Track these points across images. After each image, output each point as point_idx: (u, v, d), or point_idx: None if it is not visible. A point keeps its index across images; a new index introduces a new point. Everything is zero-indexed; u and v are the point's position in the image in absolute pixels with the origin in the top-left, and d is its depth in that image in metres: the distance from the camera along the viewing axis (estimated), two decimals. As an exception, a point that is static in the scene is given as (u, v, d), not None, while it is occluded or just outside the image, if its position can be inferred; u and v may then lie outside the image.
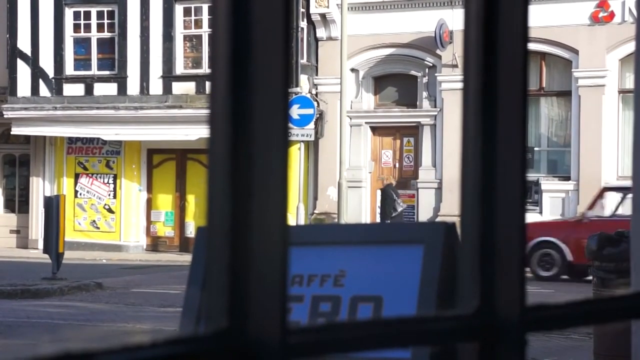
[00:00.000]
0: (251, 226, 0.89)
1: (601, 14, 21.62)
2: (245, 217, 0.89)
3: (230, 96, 0.89)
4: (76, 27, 24.56)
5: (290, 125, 0.92)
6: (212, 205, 0.90)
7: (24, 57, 24.73)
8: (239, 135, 0.89)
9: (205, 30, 23.18)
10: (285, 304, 0.88)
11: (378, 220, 22.12)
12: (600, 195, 18.54)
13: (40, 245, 19.90)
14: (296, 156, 22.21)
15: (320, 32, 24.00)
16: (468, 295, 0.99)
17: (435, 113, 23.01)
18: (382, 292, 2.55)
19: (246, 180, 0.88)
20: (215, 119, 0.90)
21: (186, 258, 19.76)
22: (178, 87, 23.63)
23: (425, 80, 23.26)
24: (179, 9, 23.63)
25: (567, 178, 22.03)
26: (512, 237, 1.02)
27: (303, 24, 23.62)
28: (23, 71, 24.78)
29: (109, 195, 24.88)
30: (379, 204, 23.72)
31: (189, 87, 23.53)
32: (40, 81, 24.71)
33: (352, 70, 23.66)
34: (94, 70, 24.46)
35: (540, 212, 21.65)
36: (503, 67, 1.03)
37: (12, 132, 24.89)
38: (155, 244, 24.74)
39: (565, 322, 1.09)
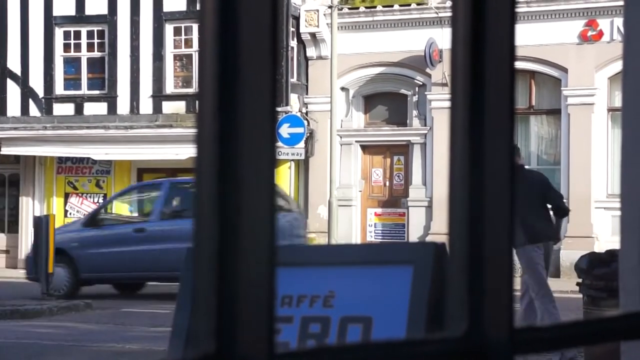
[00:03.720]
0: (238, 247, 0.88)
1: (590, 33, 21.73)
2: (232, 238, 0.88)
3: (217, 116, 0.89)
4: (66, 47, 24.57)
5: (280, 144, 0.91)
6: (199, 227, 0.89)
7: (13, 76, 24.72)
8: (226, 156, 0.88)
9: (195, 50, 23.20)
10: (273, 327, 0.87)
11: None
12: None
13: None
14: (286, 175, 22.22)
15: (310, 51, 24.05)
16: (456, 317, 0.99)
17: (426, 132, 23.05)
18: (372, 313, 2.54)
19: (233, 201, 0.88)
20: (202, 139, 0.89)
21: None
22: (168, 107, 23.64)
23: (415, 98, 23.32)
24: (169, 29, 23.66)
25: (557, 196, 22.05)
26: (500, 257, 1.02)
27: (293, 43, 23.67)
28: (13, 91, 24.76)
29: (99, 214, 24.81)
30: (369, 222, 23.73)
31: (179, 107, 23.54)
32: (30, 101, 24.69)
33: (342, 89, 23.72)
34: (84, 90, 24.45)
35: (531, 231, 21.65)
36: (490, 87, 1.03)
37: (1, 152, 24.84)
38: (146, 263, 24.65)
39: (555, 343, 1.08)
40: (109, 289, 18.27)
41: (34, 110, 24.69)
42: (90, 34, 24.36)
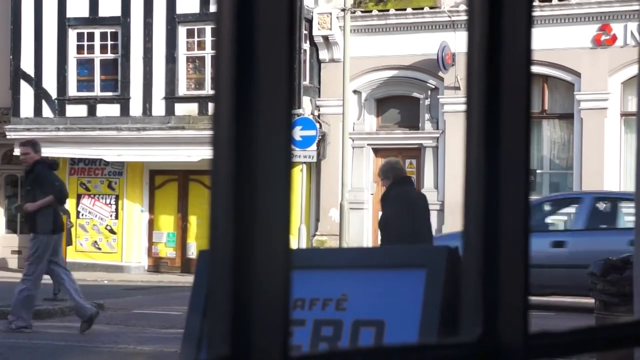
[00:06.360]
0: (254, 251, 0.88)
1: (603, 37, 21.67)
2: (248, 242, 0.88)
3: (233, 119, 0.89)
4: (79, 48, 24.64)
5: (293, 147, 0.92)
6: (215, 230, 0.89)
7: (27, 78, 24.80)
8: (242, 160, 0.88)
9: (208, 52, 23.24)
10: (287, 330, 0.88)
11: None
12: None
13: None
14: (298, 177, 22.23)
15: (323, 54, 24.06)
16: (470, 322, 0.99)
17: (438, 135, 23.03)
18: (384, 316, 2.54)
19: (249, 204, 0.88)
20: (219, 143, 0.90)
21: (188, 279, 19.72)
22: (180, 109, 23.68)
23: (427, 102, 23.30)
24: (182, 31, 23.70)
25: (570, 200, 21.98)
26: (515, 262, 1.02)
27: (306, 45, 23.69)
28: (26, 92, 24.84)
29: (111, 216, 24.88)
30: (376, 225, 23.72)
31: (192, 109, 23.58)
32: (43, 102, 24.77)
33: (355, 92, 23.71)
34: (97, 92, 24.51)
35: (543, 235, 21.59)
36: (506, 91, 1.03)
37: (14, 153, 24.93)
38: (157, 264, 24.73)
39: (569, 349, 1.08)
40: (122, 291, 18.27)
41: (47, 112, 24.76)
42: (103, 36, 24.43)
